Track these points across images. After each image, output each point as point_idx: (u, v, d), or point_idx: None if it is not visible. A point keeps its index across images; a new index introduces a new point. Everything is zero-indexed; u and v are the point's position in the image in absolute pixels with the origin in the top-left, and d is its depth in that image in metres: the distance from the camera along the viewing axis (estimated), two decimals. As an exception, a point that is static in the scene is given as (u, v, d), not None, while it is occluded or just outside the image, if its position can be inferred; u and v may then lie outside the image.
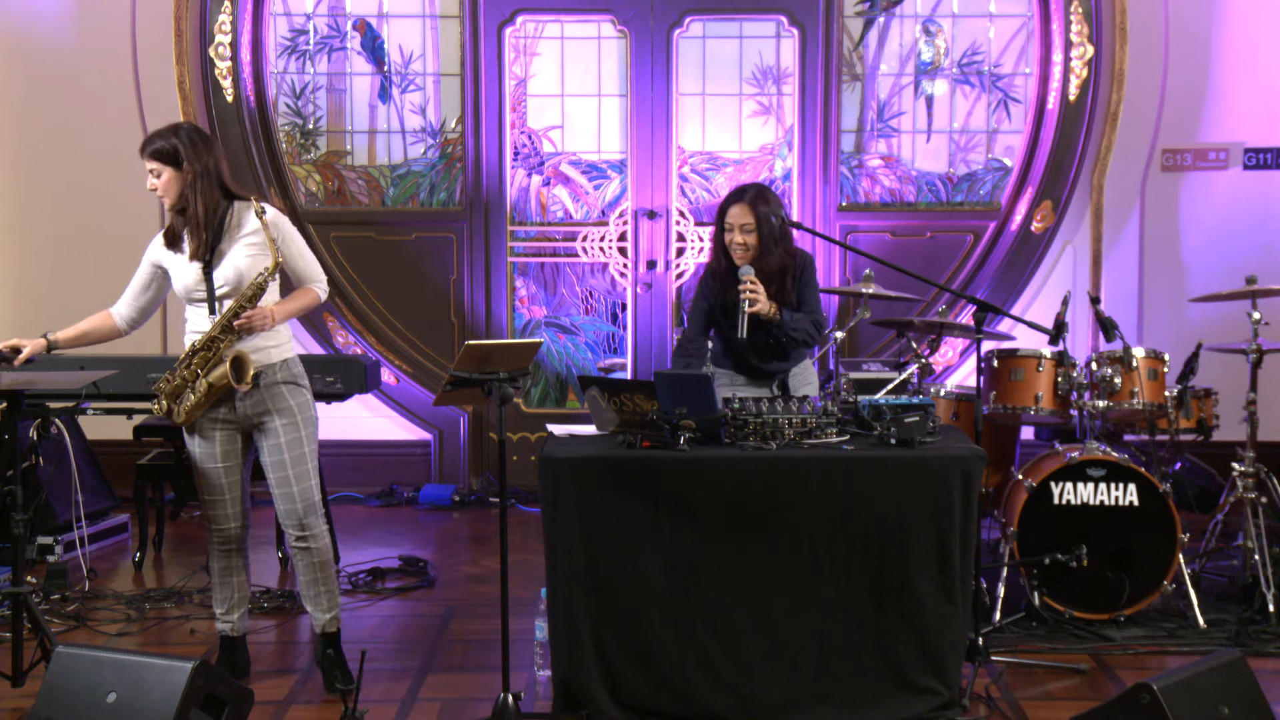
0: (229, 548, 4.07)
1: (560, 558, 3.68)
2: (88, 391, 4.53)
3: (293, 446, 3.95)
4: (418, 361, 7.06)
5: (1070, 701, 3.86)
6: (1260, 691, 3.26)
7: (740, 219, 4.47)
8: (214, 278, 3.88)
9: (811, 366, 4.73)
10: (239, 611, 4.12)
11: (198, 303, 3.92)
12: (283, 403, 3.95)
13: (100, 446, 6.21)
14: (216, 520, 4.03)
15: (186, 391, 3.90)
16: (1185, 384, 4.98)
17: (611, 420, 3.82)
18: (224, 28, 6.84)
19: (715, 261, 4.61)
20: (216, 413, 3.94)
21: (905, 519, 3.67)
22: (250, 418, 3.95)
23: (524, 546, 5.64)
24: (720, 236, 4.55)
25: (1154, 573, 4.57)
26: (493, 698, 3.63)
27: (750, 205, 4.46)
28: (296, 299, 3.99)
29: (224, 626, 4.13)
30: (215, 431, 3.96)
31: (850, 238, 6.97)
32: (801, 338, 4.49)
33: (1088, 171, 6.90)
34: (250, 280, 3.86)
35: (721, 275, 4.58)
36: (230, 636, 4.13)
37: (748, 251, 4.46)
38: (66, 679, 3.25)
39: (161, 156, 3.85)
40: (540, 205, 7.11)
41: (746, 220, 4.46)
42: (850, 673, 3.69)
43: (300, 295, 4.01)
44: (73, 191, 6.92)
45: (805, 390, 4.62)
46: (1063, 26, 6.83)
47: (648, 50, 6.96)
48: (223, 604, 4.11)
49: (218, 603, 4.12)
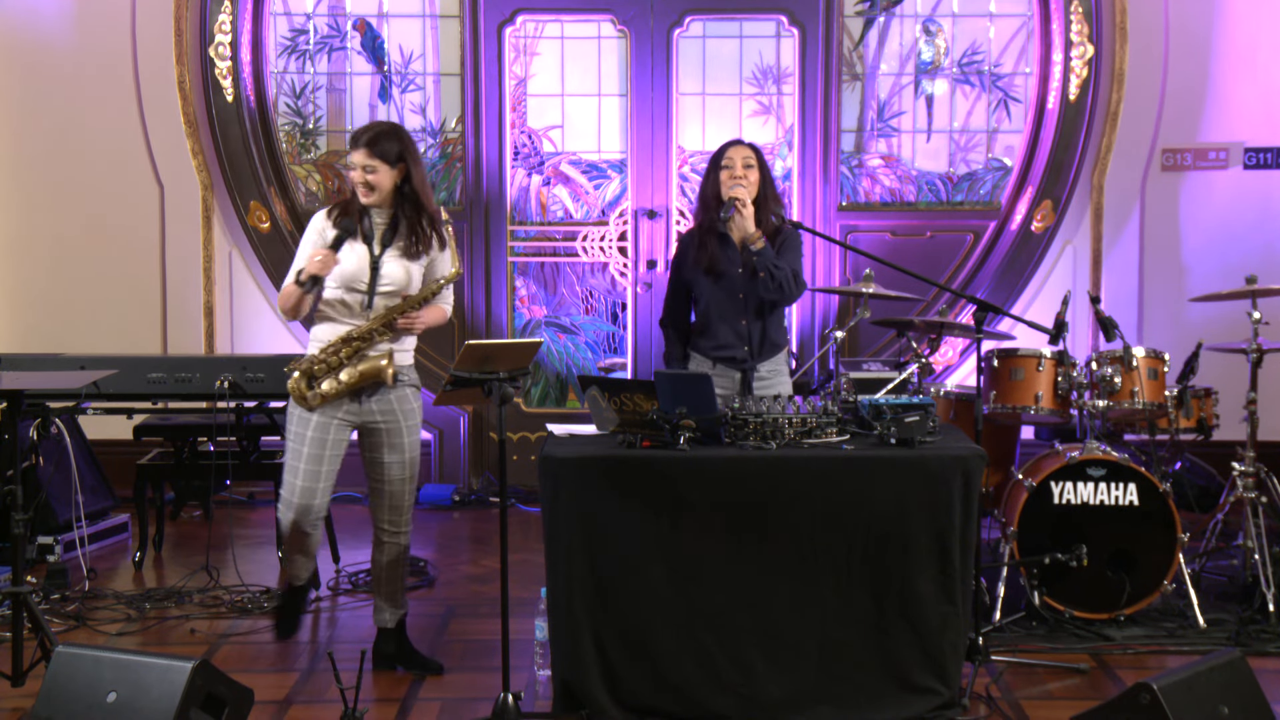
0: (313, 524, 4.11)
1: (560, 558, 3.68)
2: (88, 391, 4.54)
3: (413, 449, 4.13)
4: (417, 361, 7.04)
5: (1070, 701, 3.86)
6: (1260, 691, 3.26)
7: (742, 154, 4.40)
8: (382, 274, 3.97)
9: (785, 364, 4.57)
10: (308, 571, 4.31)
11: (355, 292, 3.98)
12: (407, 405, 4.10)
13: (100, 446, 6.21)
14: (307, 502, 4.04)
15: (326, 378, 3.96)
16: (1185, 383, 4.98)
17: (611, 420, 3.82)
18: (224, 27, 6.84)
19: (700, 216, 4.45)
20: (342, 404, 4.01)
21: (905, 519, 3.67)
22: (375, 415, 4.05)
23: (524, 546, 5.64)
24: (713, 179, 4.41)
25: (1154, 572, 4.57)
26: (493, 698, 3.64)
27: (751, 147, 4.44)
28: (432, 313, 4.12)
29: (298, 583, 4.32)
30: (334, 421, 4.02)
31: (850, 237, 6.97)
32: (782, 278, 4.31)
33: (1088, 171, 6.90)
34: (424, 284, 4.03)
35: (704, 230, 4.42)
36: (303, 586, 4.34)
37: (749, 188, 4.35)
38: (66, 679, 3.25)
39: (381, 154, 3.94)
40: (540, 205, 7.11)
41: (748, 155, 4.40)
42: (850, 672, 3.69)
43: (435, 310, 4.13)
44: (72, 191, 6.92)
45: (779, 390, 4.45)
46: (1063, 26, 6.83)
47: (648, 50, 6.96)
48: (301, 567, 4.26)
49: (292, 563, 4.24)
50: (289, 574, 4.30)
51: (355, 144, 3.97)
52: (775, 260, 4.32)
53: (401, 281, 3.99)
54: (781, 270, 4.32)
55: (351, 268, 3.97)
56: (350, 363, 3.96)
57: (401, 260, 4.00)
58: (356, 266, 3.97)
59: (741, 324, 4.41)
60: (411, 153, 4.00)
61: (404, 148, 3.98)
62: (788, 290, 4.35)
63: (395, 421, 4.07)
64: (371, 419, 4.06)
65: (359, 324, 3.98)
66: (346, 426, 4.07)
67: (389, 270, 3.98)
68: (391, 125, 4.07)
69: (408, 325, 4.01)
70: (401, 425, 4.08)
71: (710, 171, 4.46)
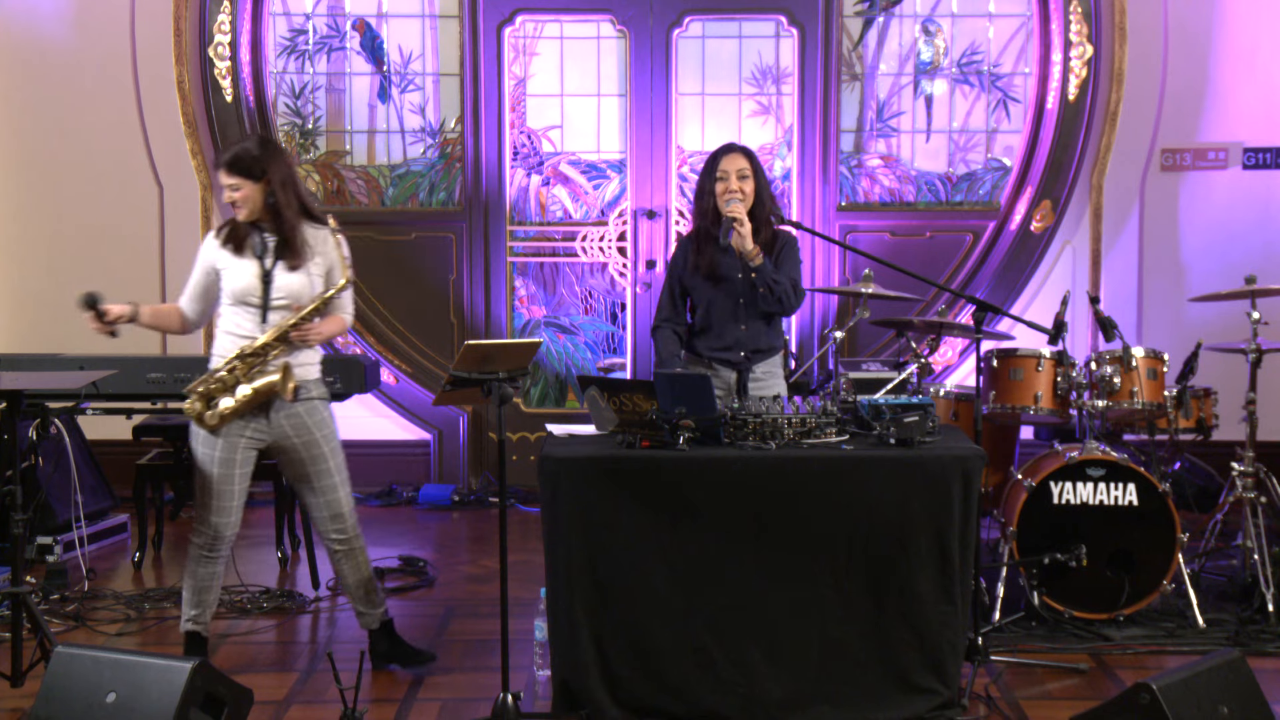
0: (220, 553, 4.07)
1: (560, 558, 3.68)
2: (87, 391, 4.54)
3: (336, 456, 4.08)
4: (417, 361, 7.05)
5: (1070, 701, 3.86)
6: (1260, 691, 3.26)
7: (736, 165, 4.32)
8: (275, 287, 3.92)
9: (781, 364, 4.57)
10: (210, 612, 4.16)
11: (249, 307, 3.94)
12: (318, 416, 4.04)
13: (100, 446, 6.21)
14: (218, 527, 4.03)
15: (223, 396, 3.91)
16: (1185, 384, 4.98)
17: (611, 420, 3.81)
18: (223, 28, 6.84)
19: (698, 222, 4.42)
20: (249, 423, 3.96)
21: (905, 519, 3.67)
22: (287, 434, 3.99)
23: (524, 546, 5.63)
24: (708, 189, 4.36)
25: (1153, 572, 4.57)
26: (492, 698, 3.63)
27: (745, 154, 4.36)
28: (330, 324, 4.06)
29: (195, 627, 4.14)
30: (241, 440, 3.97)
31: (850, 238, 6.97)
32: (781, 292, 4.31)
33: (1087, 171, 6.90)
34: (313, 295, 3.95)
35: (701, 237, 4.40)
36: (204, 636, 4.16)
37: (745, 200, 4.30)
38: (66, 679, 3.25)
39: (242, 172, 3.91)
40: (540, 205, 7.11)
41: (743, 166, 4.32)
42: (850, 672, 3.69)
43: (333, 321, 4.07)
44: (72, 191, 6.92)
45: (774, 390, 4.43)
46: (1062, 26, 6.83)
47: (647, 50, 6.96)
48: (200, 606, 4.11)
49: (196, 605, 4.10)
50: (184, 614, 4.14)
51: (217, 165, 3.98)
52: (774, 275, 4.32)
53: (296, 293, 3.94)
54: (780, 284, 4.33)
55: (242, 284, 3.93)
56: (246, 379, 3.90)
57: (293, 273, 3.95)
58: (248, 282, 3.93)
59: (741, 329, 4.40)
60: (276, 164, 3.93)
61: (267, 162, 3.91)
62: (787, 303, 4.37)
63: (309, 435, 4.01)
64: (284, 437, 4.01)
65: (254, 339, 3.93)
66: (255, 446, 4.01)
67: (282, 283, 3.93)
68: (256, 141, 4.03)
69: (301, 337, 3.93)
70: (317, 437, 4.02)
71: (705, 178, 4.39)
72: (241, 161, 3.91)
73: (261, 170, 3.91)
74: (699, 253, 4.41)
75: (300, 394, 3.96)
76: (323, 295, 3.97)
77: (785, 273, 4.37)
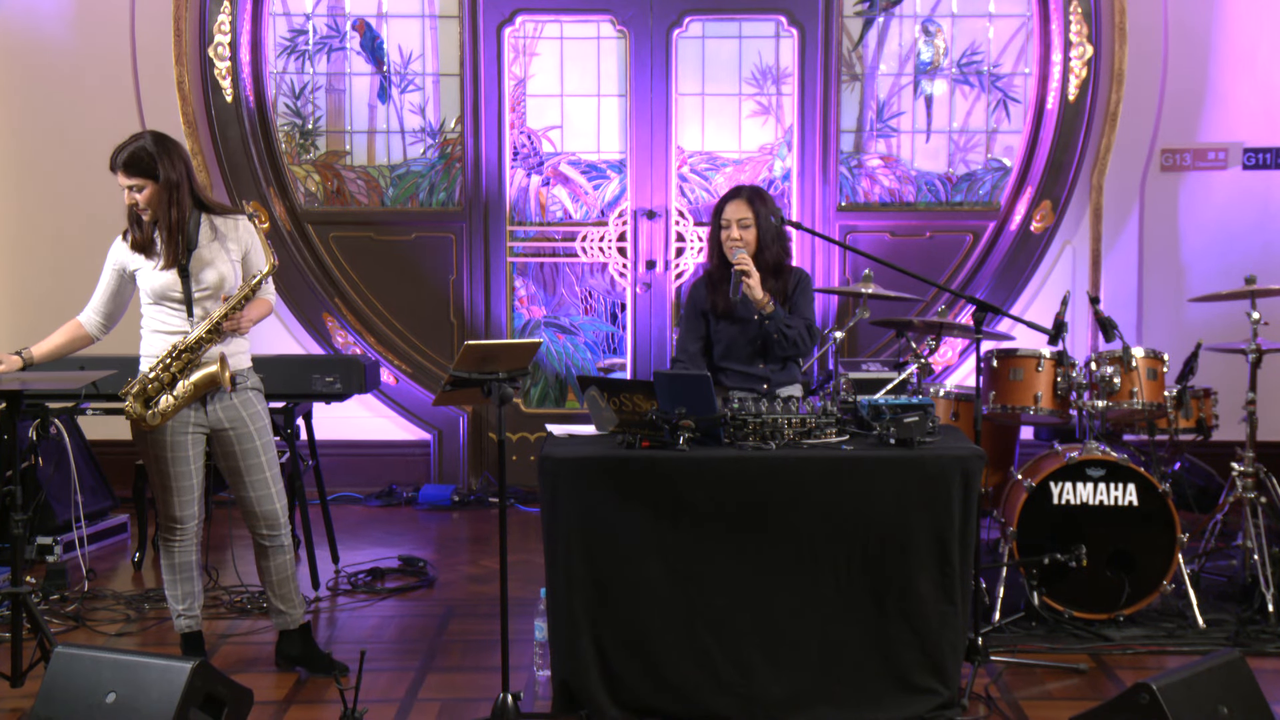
0: (190, 543, 4.09)
1: (560, 558, 3.68)
2: (87, 391, 4.53)
3: (268, 450, 4.05)
4: (417, 361, 7.05)
5: (1070, 701, 3.86)
6: (1260, 691, 3.26)
7: (738, 214, 4.56)
8: (194, 280, 3.92)
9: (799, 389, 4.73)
10: (199, 603, 4.15)
11: (173, 304, 3.94)
12: (252, 409, 4.04)
13: (100, 446, 6.21)
14: (183, 519, 4.04)
15: (162, 394, 3.90)
16: (1185, 384, 4.98)
17: (611, 420, 3.82)
18: (223, 28, 6.84)
19: (711, 264, 4.69)
20: (189, 417, 3.96)
21: (905, 519, 3.67)
22: (222, 423, 3.99)
23: (524, 546, 5.63)
24: (716, 237, 4.62)
25: (1153, 573, 4.57)
26: (492, 698, 3.63)
27: (748, 201, 4.58)
28: (257, 307, 4.03)
29: (189, 623, 4.13)
30: (187, 435, 3.97)
31: (849, 238, 6.97)
32: (795, 336, 4.54)
33: (1087, 171, 6.90)
34: (242, 283, 3.94)
35: (715, 280, 4.65)
36: (198, 632, 4.15)
37: (746, 248, 4.55)
38: (66, 679, 3.25)
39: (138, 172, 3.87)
40: (540, 205, 7.11)
41: (744, 215, 4.55)
42: (850, 673, 3.69)
43: (260, 304, 4.04)
44: (72, 191, 6.91)
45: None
46: (1062, 26, 6.83)
47: (647, 50, 6.96)
48: (187, 599, 4.11)
49: (183, 599, 4.10)
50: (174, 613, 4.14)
51: (113, 168, 3.91)
52: (785, 321, 4.53)
53: (215, 282, 3.93)
54: (793, 329, 4.53)
55: (160, 281, 3.92)
56: (183, 375, 3.89)
57: (209, 263, 3.94)
58: (166, 279, 3.92)
59: (760, 365, 4.65)
60: (169, 160, 3.87)
61: (159, 159, 3.86)
62: (802, 347, 4.60)
63: (242, 426, 4.00)
64: (220, 426, 4.00)
65: (185, 334, 3.92)
66: (202, 438, 4.01)
67: (203, 276, 3.92)
68: (148, 138, 3.91)
69: (234, 327, 3.91)
70: (250, 429, 4.01)
71: (713, 223, 4.65)
72: (140, 161, 3.86)
73: (160, 168, 3.86)
74: (714, 292, 4.65)
75: (236, 384, 3.96)
76: (251, 283, 3.94)
77: (800, 312, 4.60)
